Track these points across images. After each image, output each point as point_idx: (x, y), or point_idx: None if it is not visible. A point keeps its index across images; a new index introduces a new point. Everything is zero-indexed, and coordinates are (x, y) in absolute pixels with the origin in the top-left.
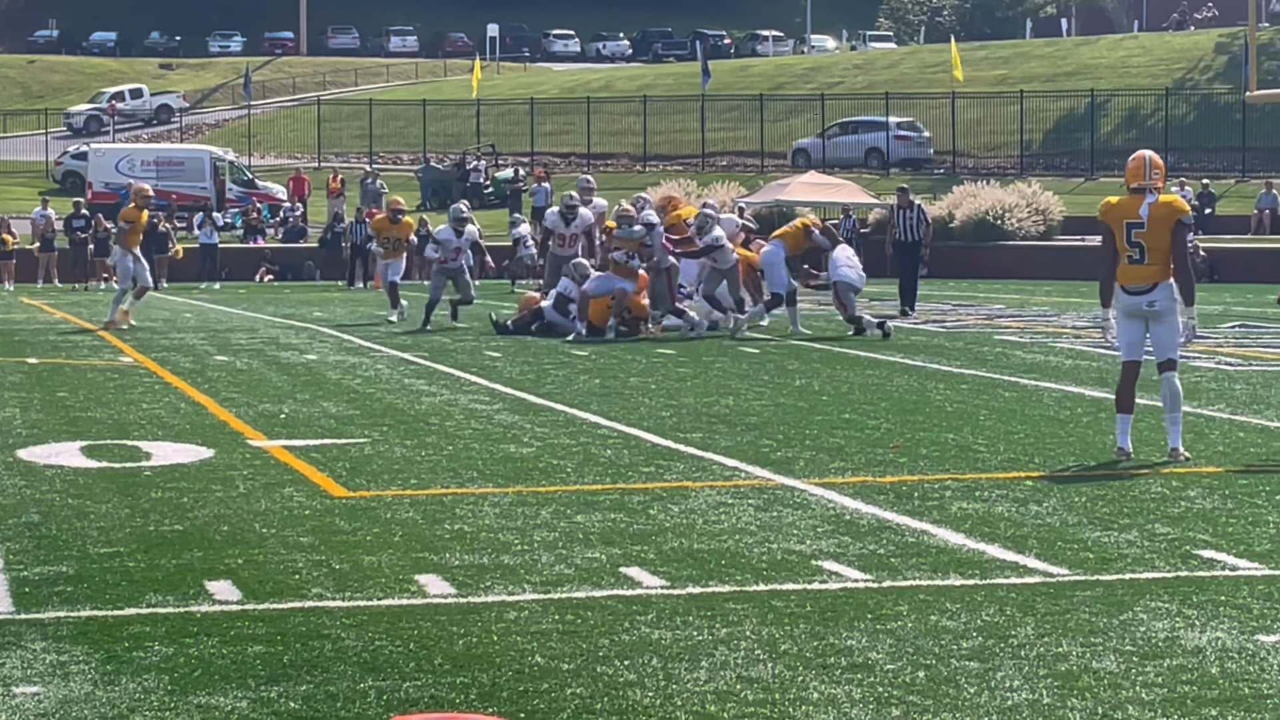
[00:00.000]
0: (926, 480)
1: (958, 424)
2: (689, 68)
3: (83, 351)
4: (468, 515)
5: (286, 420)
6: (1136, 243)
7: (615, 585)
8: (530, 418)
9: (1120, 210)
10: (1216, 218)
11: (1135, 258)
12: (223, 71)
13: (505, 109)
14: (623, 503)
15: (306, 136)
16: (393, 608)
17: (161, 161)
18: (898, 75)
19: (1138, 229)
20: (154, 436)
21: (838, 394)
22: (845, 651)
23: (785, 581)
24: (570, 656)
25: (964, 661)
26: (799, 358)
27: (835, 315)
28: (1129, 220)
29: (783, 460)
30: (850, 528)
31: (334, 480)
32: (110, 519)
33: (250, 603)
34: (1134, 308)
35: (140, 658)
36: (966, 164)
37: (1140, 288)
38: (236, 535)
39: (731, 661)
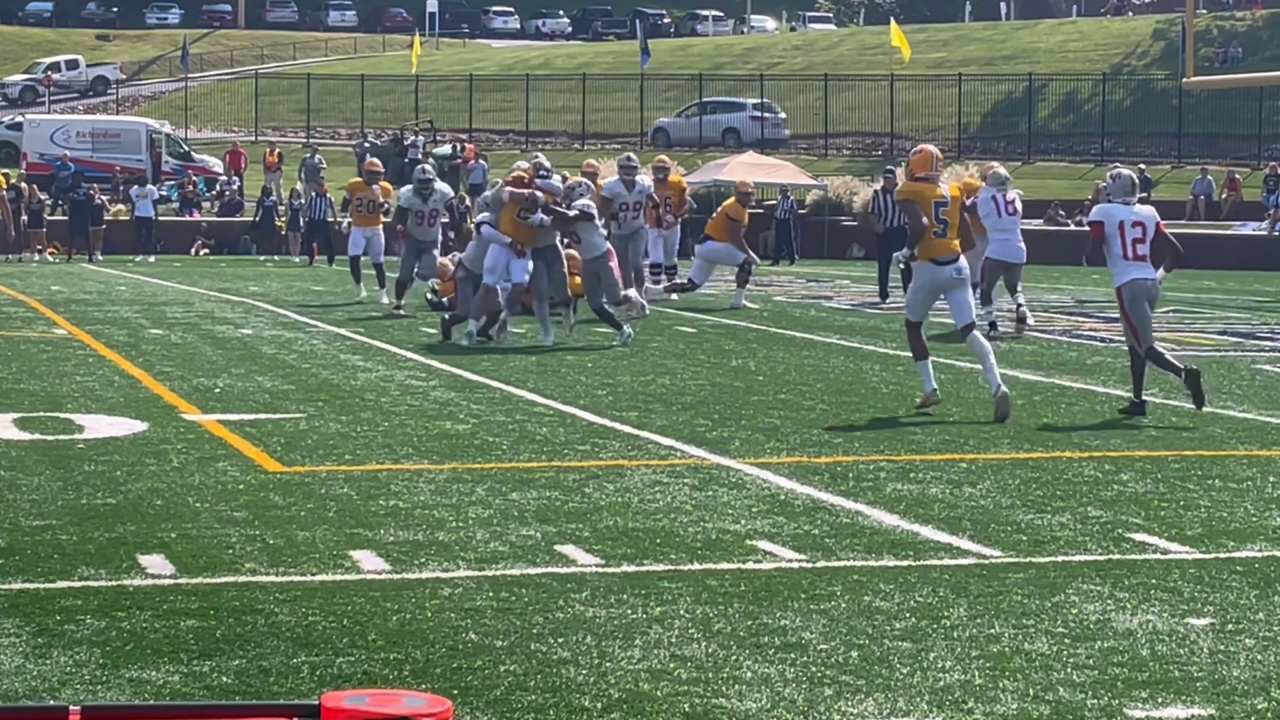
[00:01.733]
0: (861, 461)
1: (893, 405)
2: (628, 46)
3: (16, 323)
4: (403, 491)
5: (221, 394)
6: (943, 220)
7: (550, 563)
8: (466, 394)
9: (928, 193)
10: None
11: (940, 233)
12: (160, 44)
13: (444, 85)
14: (558, 481)
15: (244, 110)
16: (326, 583)
17: (97, 133)
18: (837, 57)
19: (944, 207)
20: (87, 409)
21: (774, 374)
22: (779, 631)
23: (720, 561)
24: (504, 634)
25: (897, 642)
26: (735, 338)
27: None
28: (936, 200)
29: (718, 440)
30: (785, 508)
31: (269, 455)
32: (42, 492)
33: (183, 577)
34: (942, 277)
35: (72, 631)
36: (905, 146)
37: (947, 259)
38: (170, 509)
39: (665, 640)
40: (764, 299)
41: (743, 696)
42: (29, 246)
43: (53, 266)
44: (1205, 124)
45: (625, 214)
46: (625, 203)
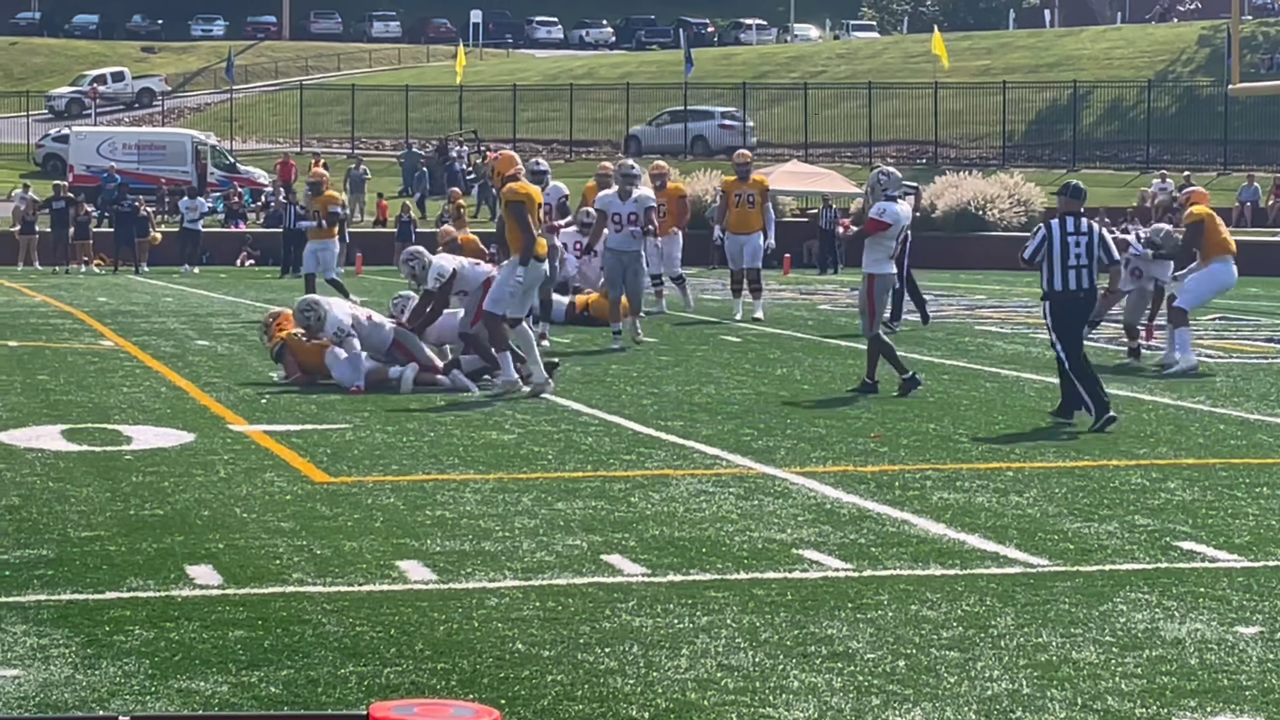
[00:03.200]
0: (907, 470)
1: (939, 414)
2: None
3: (63, 335)
4: (449, 501)
5: (267, 405)
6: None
7: (596, 572)
8: (511, 404)
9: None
10: None
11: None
12: (205, 55)
13: (488, 95)
14: (604, 490)
15: (289, 121)
16: (374, 593)
17: (143, 145)
18: (880, 65)
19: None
20: (135, 420)
21: (819, 383)
22: (825, 640)
23: (766, 570)
24: (551, 643)
25: (944, 651)
26: (780, 346)
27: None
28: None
29: (764, 449)
30: (831, 517)
31: (315, 465)
32: (91, 503)
33: (231, 587)
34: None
35: (121, 641)
36: (949, 154)
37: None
38: (217, 520)
39: (712, 649)
40: (809, 307)
41: (790, 706)
42: (75, 258)
43: (99, 278)
44: (1251, 130)
45: (619, 227)
46: (619, 214)
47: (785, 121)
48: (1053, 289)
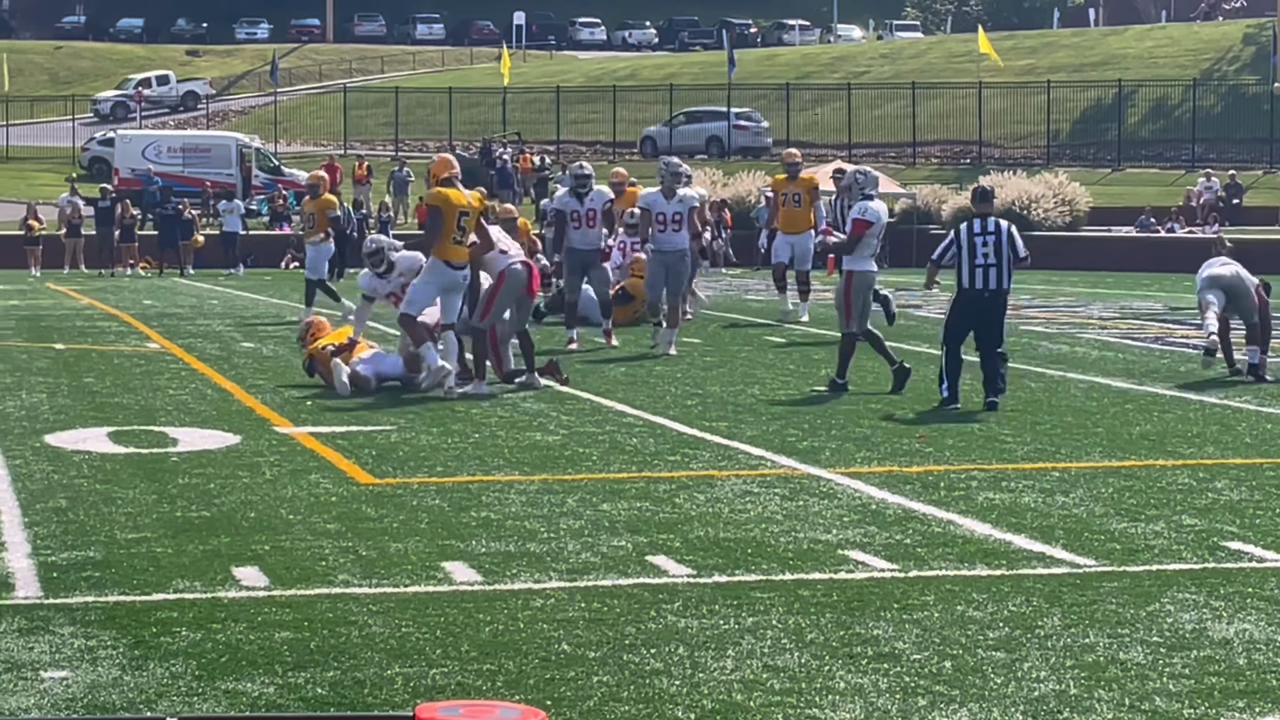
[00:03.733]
0: (953, 470)
1: (984, 414)
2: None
3: (109, 337)
4: (494, 503)
5: (313, 407)
6: (462, 227)
7: (641, 573)
8: (556, 405)
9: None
10: (1244, 209)
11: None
12: (249, 58)
13: (531, 97)
14: (649, 491)
15: (333, 124)
16: (419, 595)
17: (188, 148)
18: (924, 65)
19: (465, 215)
20: (181, 422)
21: (863, 384)
22: (871, 641)
23: (811, 571)
24: (597, 644)
25: (990, 652)
26: (824, 347)
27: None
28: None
29: (809, 449)
30: (876, 517)
31: (360, 467)
32: (137, 505)
33: (277, 589)
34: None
35: (168, 643)
36: (993, 154)
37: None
38: (263, 521)
39: (758, 650)
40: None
41: (836, 707)
42: (121, 261)
43: (145, 281)
44: None
45: (663, 228)
46: (663, 214)
47: (829, 122)
48: (960, 286)
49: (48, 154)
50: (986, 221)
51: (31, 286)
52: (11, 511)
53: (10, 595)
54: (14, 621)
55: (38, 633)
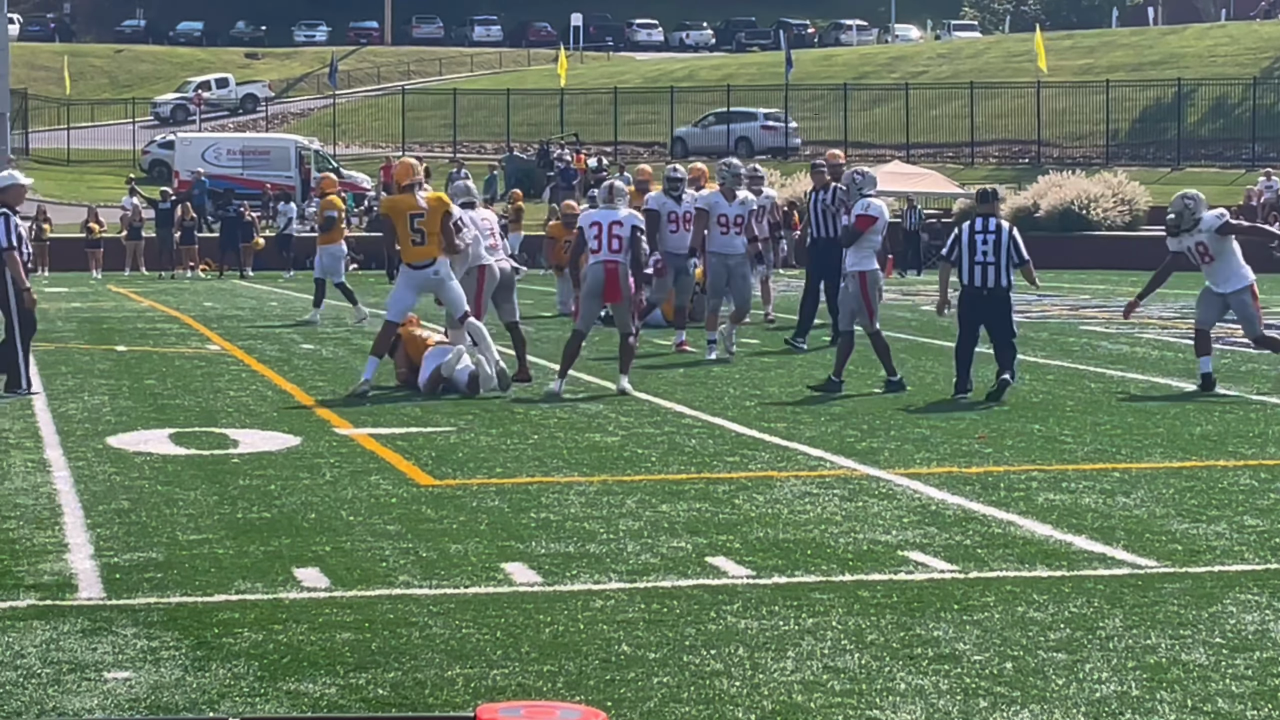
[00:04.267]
0: (1013, 471)
1: (1043, 415)
2: (772, 57)
3: (170, 339)
4: (553, 504)
5: (372, 409)
6: (419, 229)
7: (701, 574)
8: (614, 406)
9: (404, 204)
10: None
11: (417, 241)
12: (308, 61)
13: (588, 98)
14: (708, 492)
15: (391, 126)
16: (480, 595)
17: (248, 151)
18: (982, 65)
19: (419, 218)
20: (241, 424)
21: (922, 384)
22: (932, 642)
23: (871, 572)
24: (657, 645)
25: (1052, 653)
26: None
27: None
28: (412, 211)
29: (868, 450)
30: (936, 518)
31: (420, 468)
32: (199, 506)
33: (338, 590)
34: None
35: (230, 644)
36: (1051, 154)
37: (423, 263)
38: (323, 523)
39: (818, 651)
40: (912, 308)
41: (897, 708)
42: (181, 264)
43: (205, 283)
44: None
45: (724, 230)
46: (724, 215)
47: (886, 122)
48: (961, 283)
49: (108, 157)
50: (988, 221)
51: (93, 289)
52: (74, 513)
53: (73, 596)
54: (77, 622)
55: (101, 633)
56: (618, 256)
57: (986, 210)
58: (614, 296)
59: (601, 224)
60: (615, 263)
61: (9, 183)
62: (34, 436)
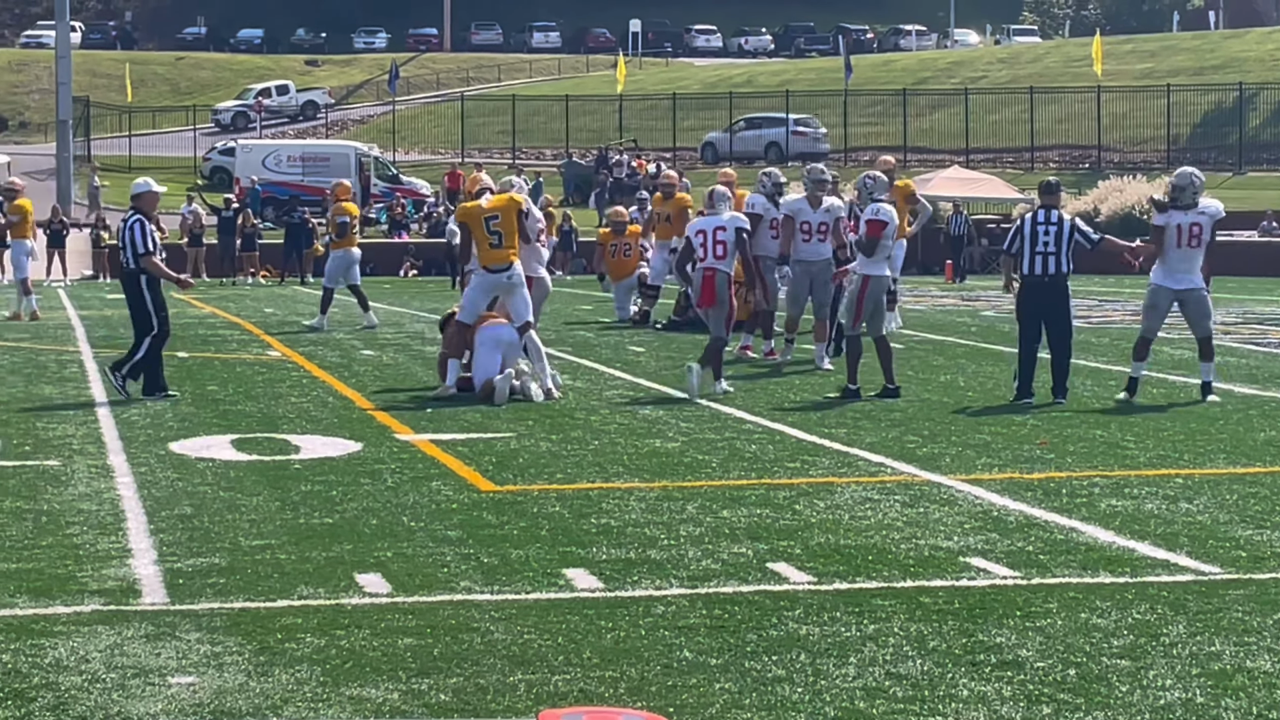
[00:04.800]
0: (1074, 477)
1: (1105, 420)
2: (831, 62)
3: (232, 346)
4: (614, 510)
5: (433, 414)
6: (496, 231)
7: (762, 580)
8: (675, 412)
9: (479, 209)
10: None
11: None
12: (367, 68)
13: (647, 104)
14: (768, 498)
15: (450, 132)
16: (541, 601)
17: (308, 157)
18: (1042, 69)
19: (494, 220)
20: (302, 430)
21: (983, 390)
22: (995, 649)
23: (933, 578)
24: (718, 651)
25: (1115, 660)
26: (943, 353)
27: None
28: (486, 215)
29: (929, 456)
30: (998, 524)
31: (481, 474)
32: (261, 511)
33: (400, 595)
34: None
35: (292, 649)
36: (1112, 158)
37: (499, 266)
38: (385, 528)
39: (880, 658)
40: (972, 314)
41: (959, 715)
42: (243, 270)
43: (265, 289)
44: None
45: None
46: (808, 223)
47: (946, 127)
48: (1022, 273)
49: (169, 164)
50: (1050, 213)
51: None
52: (138, 518)
53: (137, 601)
54: (141, 627)
55: (164, 638)
56: (719, 264)
57: (1049, 201)
58: (708, 301)
59: (706, 231)
60: (714, 270)
61: (144, 189)
62: (97, 442)
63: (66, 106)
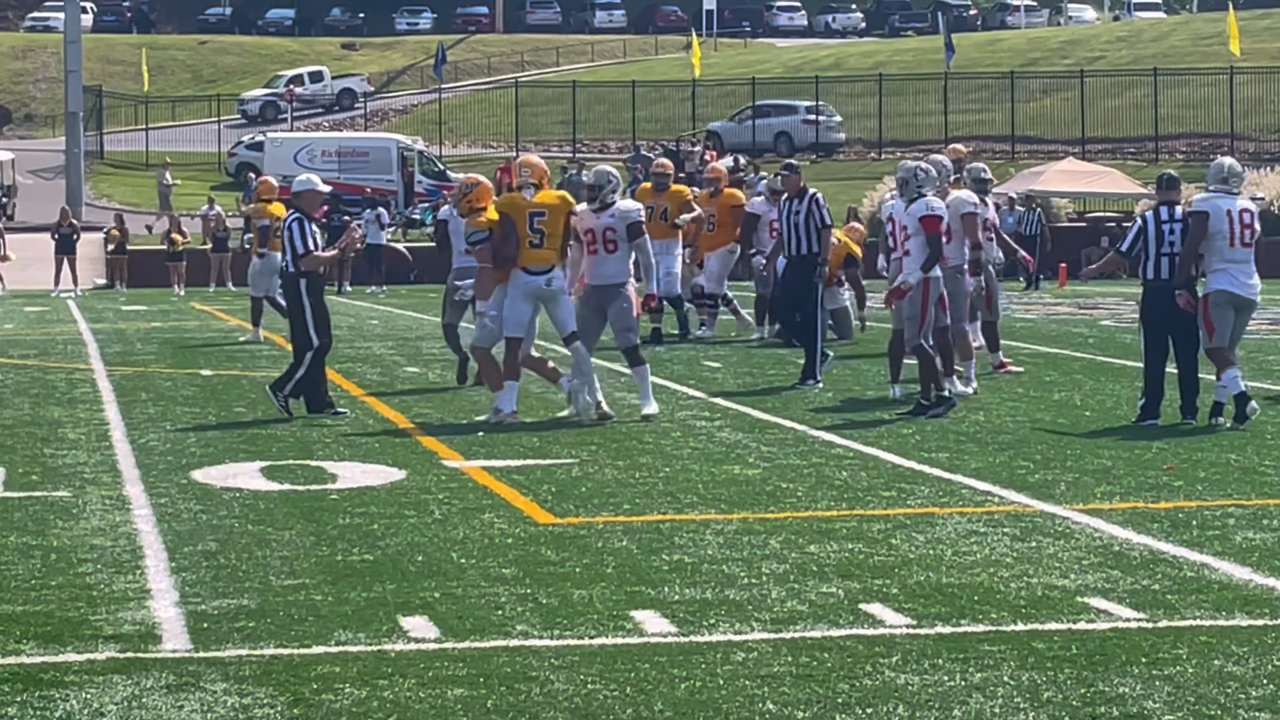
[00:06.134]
0: (1206, 506)
1: (1240, 443)
2: (930, 42)
3: (260, 362)
4: (688, 545)
5: (485, 438)
6: (539, 229)
7: (854, 624)
8: (755, 435)
9: (523, 202)
10: None
11: (536, 243)
12: (410, 52)
13: (724, 90)
14: (861, 531)
15: (503, 122)
16: (606, 647)
17: (344, 152)
18: (1167, 49)
19: (539, 217)
20: (340, 456)
21: (1102, 409)
22: (1117, 700)
23: (1047, 621)
24: (806, 703)
25: (1254, 713)
26: (1057, 368)
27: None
28: (532, 210)
29: (1041, 483)
30: (1120, 560)
31: (539, 505)
32: (294, 547)
33: (449, 641)
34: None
35: (330, 701)
36: (1247, 148)
37: (540, 269)
38: (432, 566)
39: (988, 710)
40: (1089, 323)
41: None
42: None
43: None
44: None
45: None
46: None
47: (1059, 114)
48: (1145, 278)
49: (191, 160)
50: (1174, 209)
51: (175, 306)
52: (158, 555)
53: (157, 648)
54: (162, 677)
55: (188, 689)
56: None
57: (1169, 198)
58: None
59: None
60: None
61: (306, 187)
62: (112, 470)
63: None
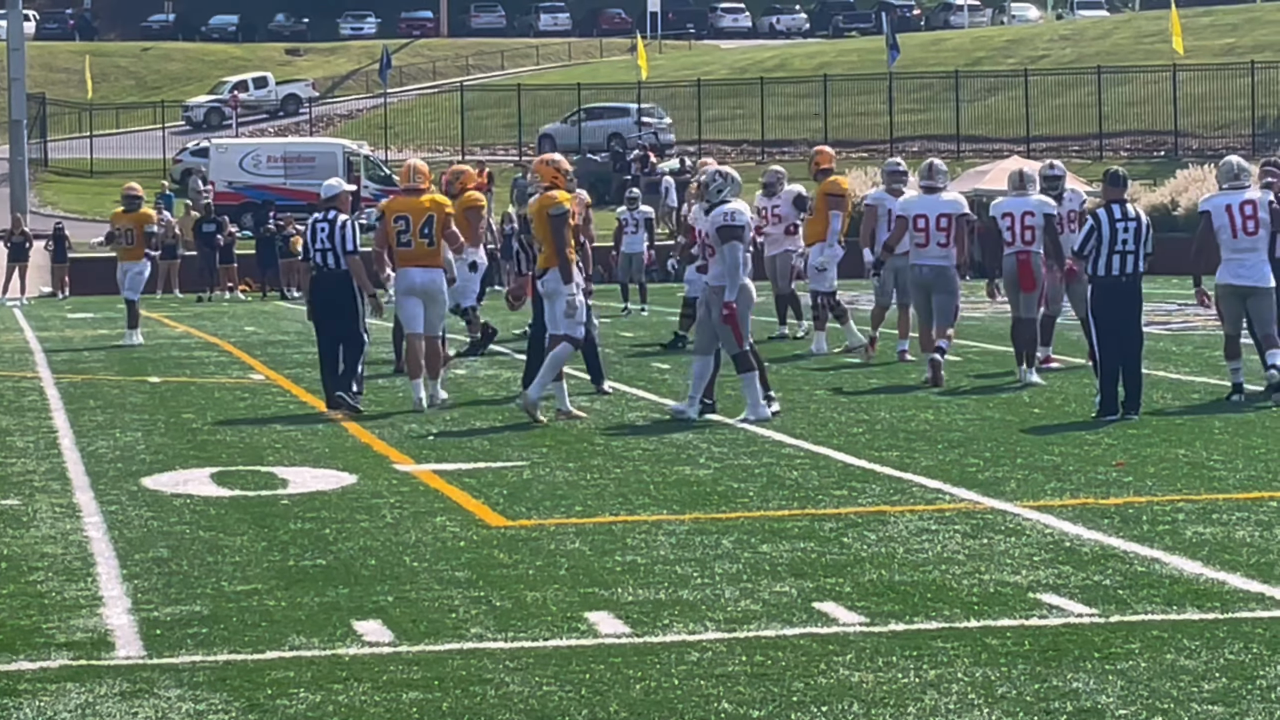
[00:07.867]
0: (1156, 502)
1: (1189, 438)
2: (874, 43)
3: (209, 368)
4: (640, 546)
5: (436, 442)
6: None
7: (808, 622)
8: (706, 436)
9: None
10: None
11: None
12: (355, 56)
13: (669, 92)
14: (813, 530)
15: (449, 126)
16: (560, 649)
17: (290, 157)
18: (1110, 47)
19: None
20: (291, 461)
21: (1051, 406)
22: (1070, 695)
23: (1000, 617)
24: (761, 702)
25: (1206, 706)
26: (1007, 365)
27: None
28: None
29: (991, 481)
30: (1071, 556)
31: (490, 508)
32: (246, 553)
33: (403, 644)
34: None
35: (285, 706)
36: (1190, 145)
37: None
38: (385, 570)
39: (942, 707)
40: None
41: None
42: (219, 284)
43: (245, 305)
44: None
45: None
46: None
47: (1004, 113)
48: (1096, 275)
49: (136, 167)
50: (1125, 207)
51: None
52: (109, 563)
53: (110, 655)
54: (115, 684)
55: (141, 696)
56: (1031, 247)
57: (1118, 195)
58: (1029, 286)
59: (1014, 214)
60: (1027, 253)
61: (338, 190)
62: (61, 478)
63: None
